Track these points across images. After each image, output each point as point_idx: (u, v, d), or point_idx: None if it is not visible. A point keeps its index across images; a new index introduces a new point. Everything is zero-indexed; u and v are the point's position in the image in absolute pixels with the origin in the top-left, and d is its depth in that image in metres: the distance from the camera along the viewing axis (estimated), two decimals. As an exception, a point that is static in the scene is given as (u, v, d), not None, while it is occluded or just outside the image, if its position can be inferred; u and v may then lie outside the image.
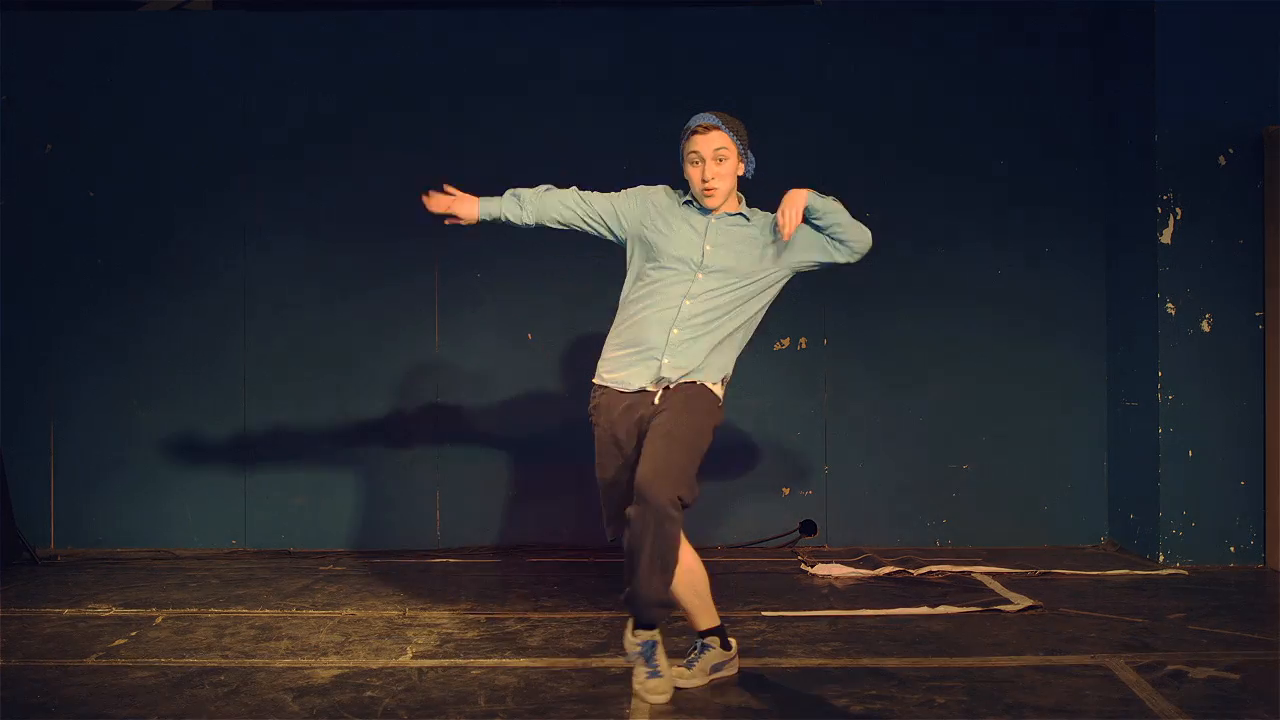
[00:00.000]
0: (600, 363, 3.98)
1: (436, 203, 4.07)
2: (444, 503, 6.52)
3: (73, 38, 6.62)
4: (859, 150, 6.58)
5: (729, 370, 4.00)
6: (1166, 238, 5.95)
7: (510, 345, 6.57)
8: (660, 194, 4.04)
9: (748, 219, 3.99)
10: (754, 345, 6.47)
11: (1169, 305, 5.95)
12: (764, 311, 4.05)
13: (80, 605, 5.16)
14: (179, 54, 6.62)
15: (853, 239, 3.95)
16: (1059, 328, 6.57)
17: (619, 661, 4.21)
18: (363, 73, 6.63)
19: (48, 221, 6.58)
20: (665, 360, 3.85)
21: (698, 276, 3.89)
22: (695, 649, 4.02)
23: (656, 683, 3.78)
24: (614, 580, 5.67)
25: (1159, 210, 5.96)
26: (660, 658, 3.81)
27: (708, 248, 3.91)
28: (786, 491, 6.58)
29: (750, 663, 4.21)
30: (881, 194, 6.56)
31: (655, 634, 3.80)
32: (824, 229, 3.93)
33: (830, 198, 3.93)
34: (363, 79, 6.63)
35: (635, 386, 3.88)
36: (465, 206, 4.05)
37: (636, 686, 3.81)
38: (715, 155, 3.90)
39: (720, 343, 3.92)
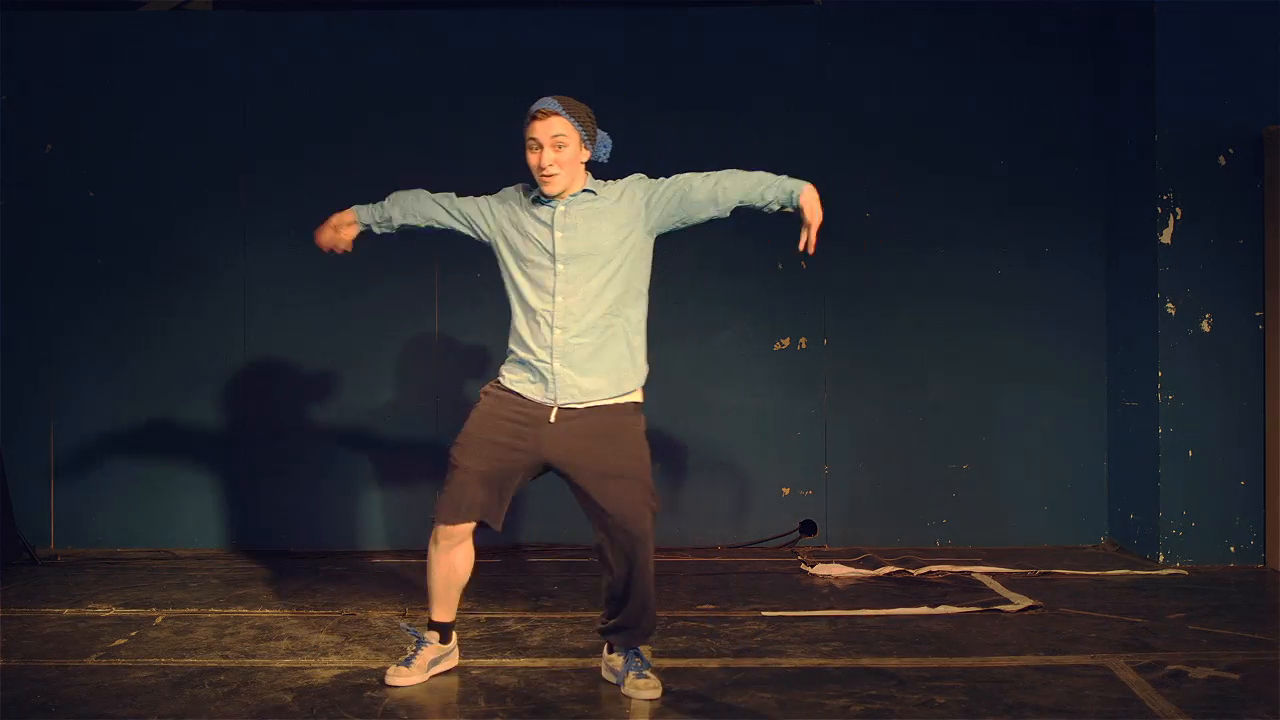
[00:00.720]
0: (508, 361, 3.95)
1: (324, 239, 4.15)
2: (444, 503, 6.52)
3: (73, 38, 6.61)
4: (859, 150, 6.58)
5: (638, 374, 3.92)
6: (1166, 238, 5.95)
7: (510, 345, 6.56)
8: (514, 193, 4.00)
9: (595, 193, 3.90)
10: (754, 345, 6.58)
11: (1169, 305, 5.95)
12: (647, 282, 3.96)
13: (80, 605, 5.16)
14: (179, 54, 6.61)
15: (733, 194, 3.91)
16: (1059, 328, 6.56)
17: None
18: (363, 73, 6.63)
19: (48, 221, 6.58)
20: (557, 365, 3.81)
21: (559, 268, 3.82)
22: (415, 645, 4.03)
23: (645, 681, 3.85)
24: (614, 580, 5.68)
25: (1159, 210, 5.96)
26: (648, 658, 3.94)
27: (558, 235, 3.84)
28: (786, 491, 6.58)
29: (750, 662, 4.21)
30: (881, 194, 6.57)
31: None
32: (767, 186, 3.91)
33: (770, 178, 3.91)
34: (363, 79, 6.63)
35: (537, 399, 3.84)
36: (344, 219, 4.12)
37: (628, 690, 3.85)
38: (553, 142, 3.82)
39: (608, 333, 3.85)
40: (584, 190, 3.90)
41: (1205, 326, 5.95)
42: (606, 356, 3.85)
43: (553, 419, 3.83)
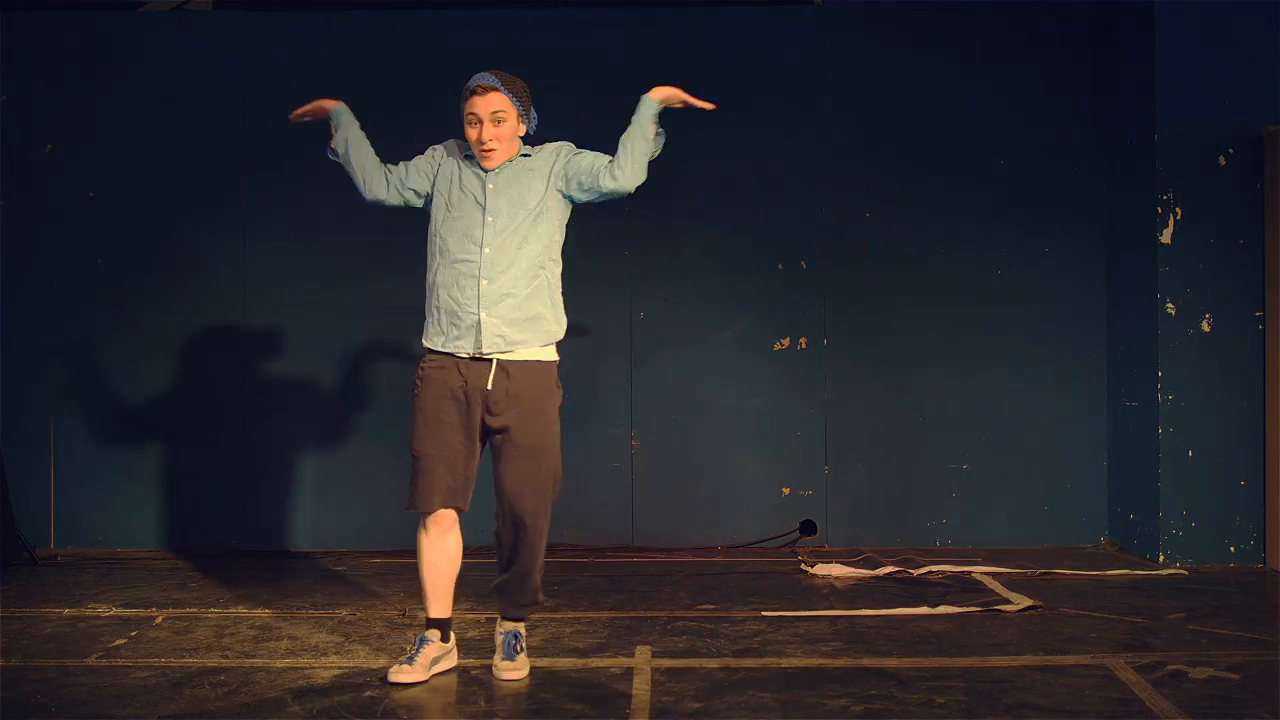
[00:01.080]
0: (427, 325, 4.08)
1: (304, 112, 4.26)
2: (444, 503, 6.51)
3: (73, 38, 6.61)
4: (859, 150, 6.58)
5: (559, 325, 4.06)
6: (1166, 238, 5.95)
7: (510, 345, 6.56)
8: (453, 147, 4.12)
9: (529, 155, 4.06)
10: (754, 345, 6.58)
11: (1169, 305, 5.95)
12: (561, 245, 4.10)
13: (80, 605, 5.16)
14: (179, 54, 6.61)
15: (625, 162, 4.00)
16: (1059, 328, 6.56)
17: (619, 661, 4.22)
18: (363, 73, 6.62)
19: (48, 221, 6.58)
20: (483, 315, 3.92)
21: (487, 219, 3.95)
22: (416, 644, 4.07)
23: (509, 663, 4.03)
24: (614, 580, 5.68)
25: (1159, 210, 5.96)
26: (523, 642, 4.12)
27: (490, 187, 3.98)
28: (786, 491, 6.58)
29: (750, 662, 4.21)
30: (881, 194, 6.57)
31: (520, 625, 4.12)
32: (628, 132, 4.01)
33: (656, 138, 4.04)
34: (363, 79, 6.62)
35: (466, 353, 3.96)
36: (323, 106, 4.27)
37: (494, 671, 4.04)
38: (493, 117, 3.95)
39: (534, 285, 3.97)
40: (521, 155, 4.06)
41: (1205, 326, 5.95)
42: (530, 309, 3.98)
43: (489, 385, 3.95)
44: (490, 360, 3.96)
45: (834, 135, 6.58)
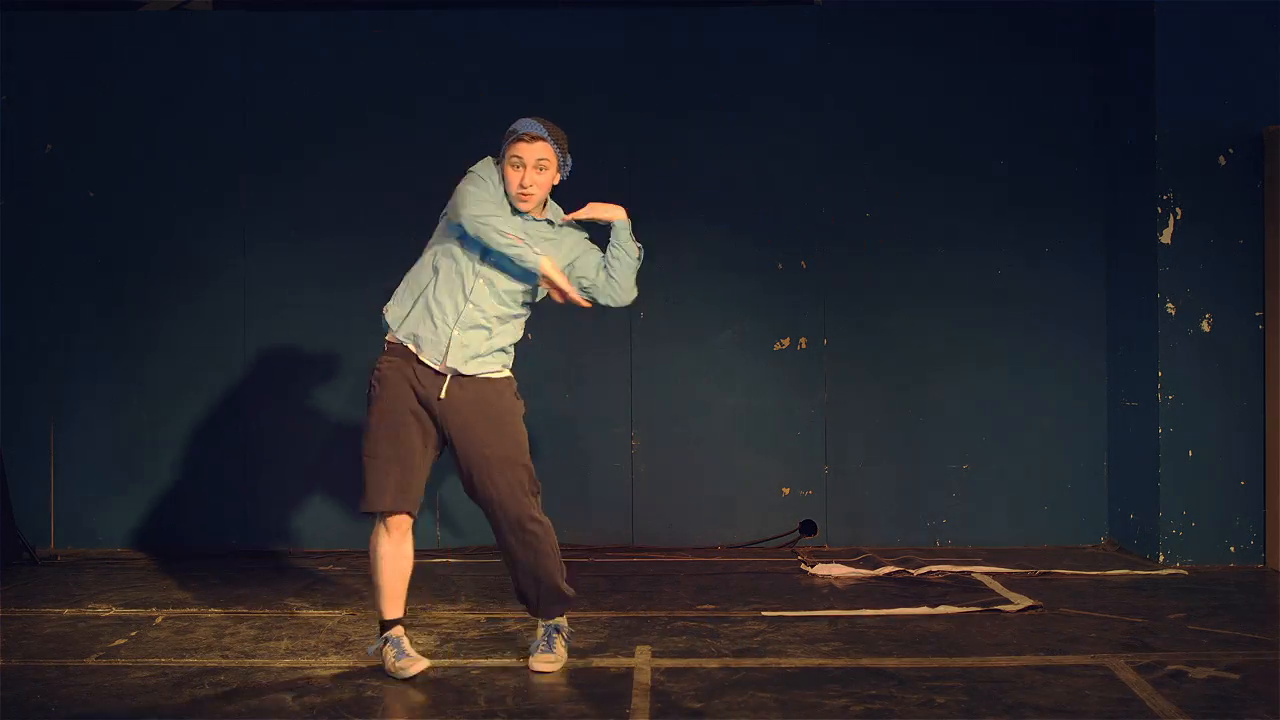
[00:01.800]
0: (393, 312, 4.13)
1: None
2: (444, 502, 6.51)
3: (73, 38, 6.61)
4: (859, 150, 6.58)
5: (512, 358, 4.21)
6: (1166, 238, 5.95)
7: (510, 345, 6.55)
8: (486, 167, 4.13)
9: (553, 224, 4.16)
10: (754, 345, 6.58)
11: (1169, 305, 5.95)
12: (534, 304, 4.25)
13: (80, 605, 5.16)
14: (179, 54, 6.61)
15: (619, 286, 4.15)
16: (1059, 328, 6.56)
17: (619, 661, 4.23)
18: (363, 73, 6.63)
19: (48, 221, 6.58)
20: (456, 332, 4.01)
21: (486, 264, 4.04)
22: (392, 644, 4.08)
23: (544, 656, 4.12)
24: (614, 580, 5.68)
25: (1159, 210, 5.96)
26: (564, 637, 4.22)
27: None
28: (786, 491, 6.58)
29: (750, 662, 4.21)
30: (881, 194, 6.57)
31: (561, 619, 4.22)
32: (613, 257, 4.11)
33: (638, 251, 4.13)
34: (363, 79, 6.63)
35: (425, 358, 4.02)
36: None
37: (530, 664, 4.13)
38: (537, 164, 4.05)
39: (505, 326, 4.11)
40: (544, 220, 4.14)
41: (1205, 326, 5.95)
42: (497, 343, 4.11)
43: (443, 394, 4.02)
44: (446, 374, 4.03)
45: (834, 135, 6.58)
